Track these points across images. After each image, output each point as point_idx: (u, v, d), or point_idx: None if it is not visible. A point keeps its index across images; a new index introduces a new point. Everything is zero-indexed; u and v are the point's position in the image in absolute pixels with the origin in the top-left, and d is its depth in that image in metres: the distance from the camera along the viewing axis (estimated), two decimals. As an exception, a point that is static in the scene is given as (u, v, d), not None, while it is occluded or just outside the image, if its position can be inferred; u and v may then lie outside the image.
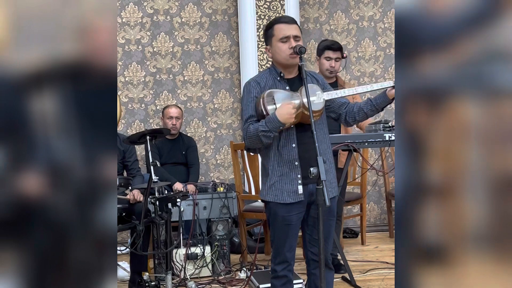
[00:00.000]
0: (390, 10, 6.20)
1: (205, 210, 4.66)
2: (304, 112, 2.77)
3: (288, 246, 2.96)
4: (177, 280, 4.36)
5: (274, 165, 2.90)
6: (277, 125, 2.76)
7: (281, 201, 2.89)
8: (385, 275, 4.45)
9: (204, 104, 6.01)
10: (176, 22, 5.94)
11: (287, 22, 2.91)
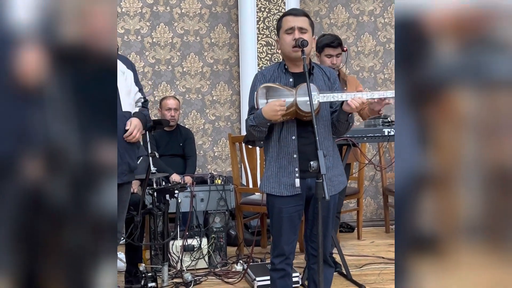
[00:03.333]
0: (391, 5, 6.20)
1: (203, 202, 4.67)
2: (298, 111, 2.78)
3: (285, 239, 2.96)
4: (173, 271, 4.37)
5: (274, 157, 2.91)
6: (263, 121, 2.77)
7: (278, 193, 2.90)
8: (381, 269, 4.47)
9: (202, 96, 6.01)
10: (176, 13, 5.93)
11: (295, 14, 2.91)
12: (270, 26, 5.72)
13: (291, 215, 2.93)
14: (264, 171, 2.99)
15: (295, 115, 2.80)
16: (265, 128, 2.81)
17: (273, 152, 2.91)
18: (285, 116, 2.79)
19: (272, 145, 2.92)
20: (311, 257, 3.06)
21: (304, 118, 2.81)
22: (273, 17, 5.70)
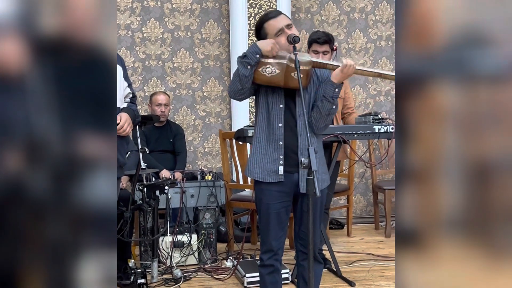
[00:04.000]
0: (382, 2, 6.21)
1: (193, 198, 4.66)
2: (290, 64, 2.78)
3: (273, 234, 2.97)
4: (163, 267, 4.37)
5: (260, 142, 2.93)
6: (254, 49, 2.77)
7: (261, 179, 2.92)
8: (370, 266, 4.49)
9: (193, 91, 6.00)
10: (167, 8, 5.91)
11: (273, 16, 2.89)
12: (261, 22, 5.71)
13: (278, 211, 2.95)
14: (249, 156, 3.00)
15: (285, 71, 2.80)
16: (252, 61, 2.77)
17: (260, 137, 2.93)
18: (276, 63, 2.81)
19: (259, 131, 2.93)
20: (300, 254, 3.07)
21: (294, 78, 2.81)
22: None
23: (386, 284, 4.03)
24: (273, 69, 2.80)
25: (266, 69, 2.80)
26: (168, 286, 4.08)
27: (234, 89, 2.86)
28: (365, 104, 6.21)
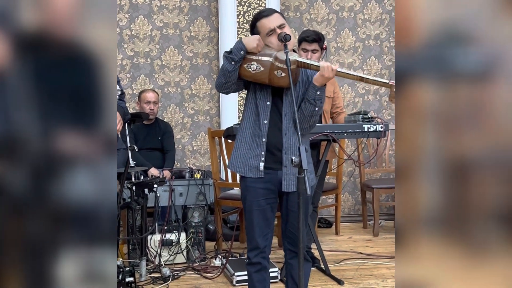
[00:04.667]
0: (370, 1, 6.23)
1: (181, 197, 4.66)
2: (274, 63, 2.78)
3: (258, 231, 2.98)
4: (151, 266, 4.36)
5: (246, 137, 2.95)
6: (239, 46, 2.81)
7: (243, 173, 2.95)
8: (359, 265, 4.51)
9: (181, 89, 5.98)
10: (155, 5, 5.88)
11: (266, 15, 2.90)
12: (250, 21, 5.68)
13: (263, 208, 2.96)
14: (233, 150, 3.02)
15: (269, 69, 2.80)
16: (237, 57, 2.80)
17: (246, 132, 2.95)
18: (260, 60, 2.82)
19: (246, 126, 2.95)
20: (288, 252, 3.07)
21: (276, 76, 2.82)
22: (254, 11, 5.69)
23: (374, 283, 4.05)
24: (257, 66, 2.82)
25: (250, 65, 2.82)
26: (157, 284, 4.07)
27: (219, 82, 2.89)
28: (354, 103, 6.23)
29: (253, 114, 2.95)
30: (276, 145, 2.91)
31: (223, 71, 2.85)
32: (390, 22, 6.25)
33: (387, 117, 6.22)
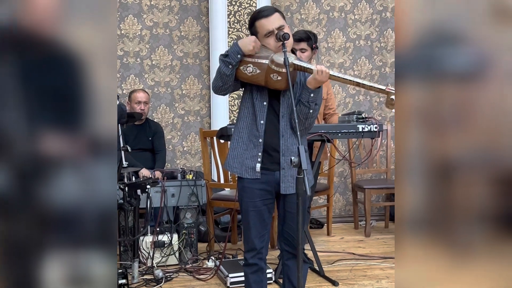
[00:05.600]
0: (361, 2, 6.23)
1: (173, 198, 4.62)
2: (270, 65, 2.76)
3: (255, 232, 2.96)
4: (143, 268, 4.32)
5: (243, 137, 2.93)
6: (235, 49, 2.78)
7: (240, 174, 2.94)
8: (352, 265, 4.50)
9: (172, 89, 5.94)
10: (145, 5, 5.85)
11: (266, 15, 2.85)
12: (241, 20, 5.69)
13: (259, 209, 2.94)
14: (229, 150, 2.99)
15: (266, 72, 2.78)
16: (233, 61, 2.78)
17: (242, 132, 2.93)
18: (256, 63, 2.79)
19: (243, 126, 2.93)
20: (285, 253, 3.06)
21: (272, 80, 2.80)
22: (244, 11, 5.68)
23: (369, 284, 4.04)
24: (253, 69, 2.80)
25: (247, 68, 2.80)
26: (150, 286, 4.03)
27: (217, 85, 2.87)
28: (345, 103, 6.23)
29: (250, 114, 2.93)
30: (273, 146, 2.89)
31: (220, 74, 2.82)
32: (381, 22, 6.26)
33: (378, 117, 6.22)
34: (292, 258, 3.04)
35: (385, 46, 6.29)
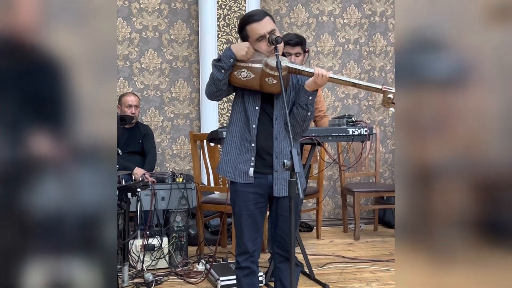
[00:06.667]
0: (350, 6, 6.27)
1: (163, 201, 4.60)
2: (264, 69, 2.77)
3: (247, 236, 2.96)
4: (133, 271, 4.31)
5: (236, 142, 2.93)
6: (227, 53, 2.78)
7: (232, 179, 2.93)
8: (342, 269, 4.52)
9: (161, 93, 5.94)
10: (135, 8, 5.84)
11: (258, 20, 2.85)
12: (230, 24, 5.70)
13: (252, 212, 2.94)
14: (222, 154, 2.99)
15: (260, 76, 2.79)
16: (226, 65, 2.77)
17: (235, 137, 2.93)
18: (250, 67, 2.80)
19: (235, 130, 2.93)
20: (277, 256, 3.07)
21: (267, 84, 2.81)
22: (234, 14, 5.69)
23: (359, 286, 4.06)
24: (248, 73, 2.80)
25: (241, 73, 2.80)
26: (140, 290, 4.03)
27: (210, 91, 2.87)
28: (334, 107, 6.26)
29: (242, 118, 2.93)
30: (266, 150, 2.89)
31: (213, 80, 2.82)
32: (369, 26, 6.30)
33: (367, 121, 6.25)
34: (284, 261, 3.04)
35: (373, 50, 6.33)
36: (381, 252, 5.05)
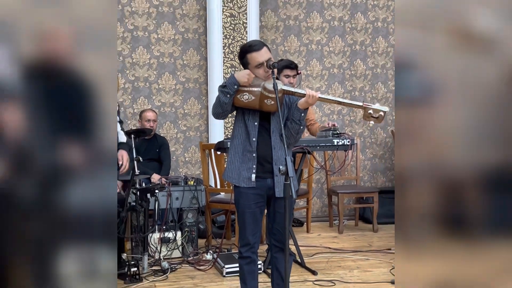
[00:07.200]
0: (335, 36, 6.30)
1: (177, 200, 4.61)
2: (263, 92, 2.78)
3: (249, 231, 2.97)
4: (152, 260, 4.30)
5: (238, 152, 2.93)
6: (232, 80, 2.79)
7: (237, 183, 2.93)
8: (328, 258, 4.52)
9: (175, 109, 5.95)
10: (153, 38, 5.86)
11: (257, 49, 2.85)
12: (234, 51, 5.72)
13: (253, 211, 2.95)
14: (227, 164, 2.99)
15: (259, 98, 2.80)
16: (231, 91, 2.79)
17: (238, 147, 2.93)
18: (251, 91, 2.81)
19: (237, 143, 2.94)
20: (273, 247, 3.06)
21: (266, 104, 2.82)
22: (237, 43, 5.71)
23: (343, 273, 4.06)
24: (249, 96, 2.82)
25: (243, 96, 2.81)
26: (158, 276, 4.02)
27: (217, 112, 2.89)
28: (321, 121, 6.26)
29: (243, 133, 2.93)
30: (266, 158, 2.90)
31: (220, 103, 2.83)
32: (351, 54, 6.33)
33: (349, 133, 6.26)
34: (280, 251, 3.04)
35: (354, 74, 6.36)
36: (361, 244, 5.05)
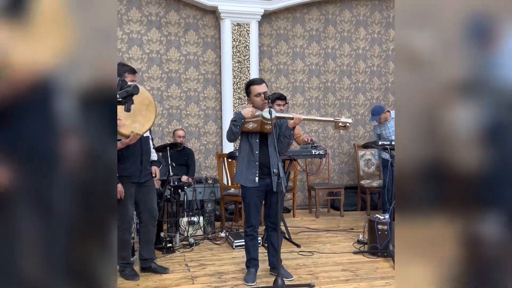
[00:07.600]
0: (312, 77, 6.36)
1: (200, 194, 4.65)
2: (262, 120, 2.85)
3: (253, 216, 3.01)
4: (182, 237, 4.33)
5: (244, 162, 2.98)
6: (239, 116, 2.85)
7: (244, 184, 2.97)
8: (309, 235, 4.53)
9: (199, 129, 6.00)
10: (183, 77, 5.93)
11: (258, 83, 2.95)
12: (240, 87, 5.79)
13: (255, 202, 3.00)
14: (236, 168, 3.04)
15: (260, 124, 2.86)
16: (239, 123, 2.83)
17: (244, 157, 2.98)
18: (254, 120, 2.87)
19: (243, 155, 2.99)
20: (269, 228, 3.11)
21: (266, 128, 2.88)
22: (243, 81, 5.78)
23: (319, 246, 4.08)
24: (252, 125, 2.88)
25: (248, 125, 2.88)
26: (186, 248, 4.04)
27: (230, 138, 2.94)
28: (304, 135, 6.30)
29: (247, 148, 2.98)
30: (265, 164, 2.95)
31: (232, 132, 2.88)
32: (325, 89, 6.39)
33: (323, 145, 6.31)
34: (273, 230, 3.09)
35: (326, 103, 6.42)
36: (332, 225, 5.06)
